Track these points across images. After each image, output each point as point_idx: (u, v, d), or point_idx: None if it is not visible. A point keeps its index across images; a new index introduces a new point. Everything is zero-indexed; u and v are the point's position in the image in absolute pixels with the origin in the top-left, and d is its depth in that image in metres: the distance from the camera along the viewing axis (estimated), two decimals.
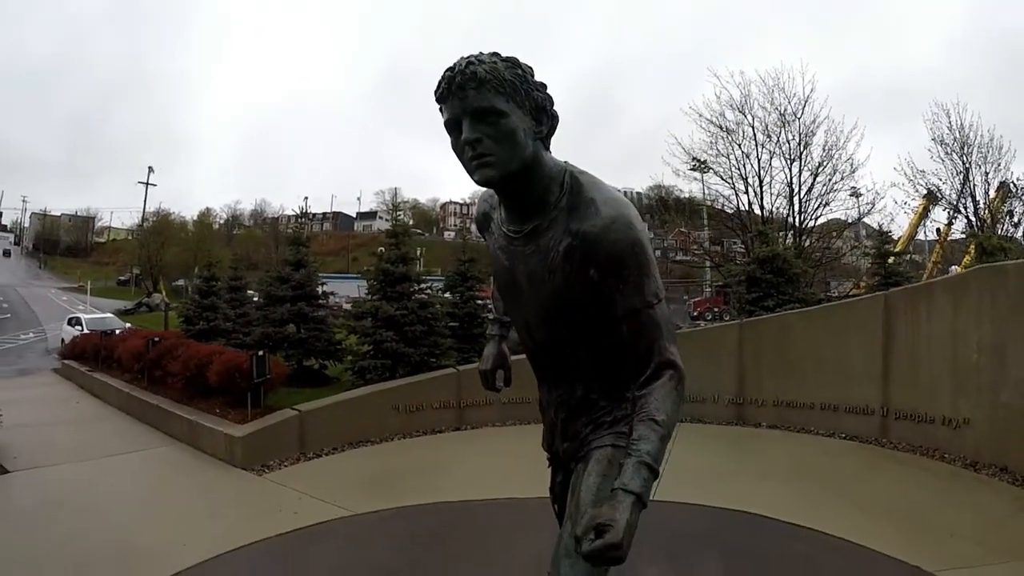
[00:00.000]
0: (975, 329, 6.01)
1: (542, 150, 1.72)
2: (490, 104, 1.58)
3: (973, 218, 19.10)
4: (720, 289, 29.43)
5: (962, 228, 20.06)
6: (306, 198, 55.62)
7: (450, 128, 1.66)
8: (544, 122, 1.71)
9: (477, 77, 1.56)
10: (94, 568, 4.18)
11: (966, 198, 19.19)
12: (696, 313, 37.14)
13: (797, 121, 17.42)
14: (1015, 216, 18.75)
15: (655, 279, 1.68)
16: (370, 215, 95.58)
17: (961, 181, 19.04)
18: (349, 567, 4.21)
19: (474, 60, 1.60)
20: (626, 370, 1.72)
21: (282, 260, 13.43)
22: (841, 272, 21.76)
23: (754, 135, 17.80)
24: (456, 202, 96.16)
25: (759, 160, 17.86)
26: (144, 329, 16.75)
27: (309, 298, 11.35)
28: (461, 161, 1.68)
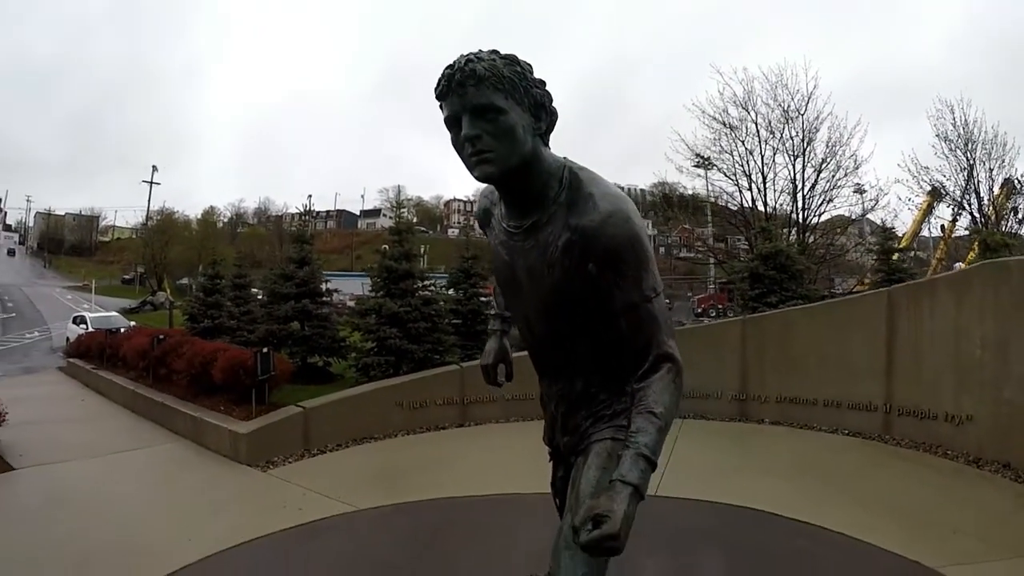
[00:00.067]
0: (978, 325, 5.99)
1: (541, 146, 1.73)
2: (489, 101, 1.59)
3: (977, 215, 19.01)
4: (724, 286, 29.41)
5: (966, 225, 20.00)
6: (310, 196, 55.61)
7: (450, 125, 1.68)
8: (543, 118, 1.72)
9: (476, 74, 1.58)
10: (99, 564, 4.20)
11: (970, 194, 19.10)
12: (700, 310, 37.12)
13: (800, 117, 17.43)
14: (1019, 212, 18.71)
15: (653, 273, 1.69)
16: (374, 213, 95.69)
17: (965, 177, 18.95)
18: (352, 562, 4.23)
19: (473, 58, 1.61)
20: (625, 364, 1.73)
21: (286, 258, 13.43)
22: (845, 269, 21.72)
23: (757, 131, 17.81)
24: (460, 199, 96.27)
25: (762, 156, 17.87)
26: (149, 327, 16.82)
27: (313, 295, 11.36)
28: (461, 157, 1.70)
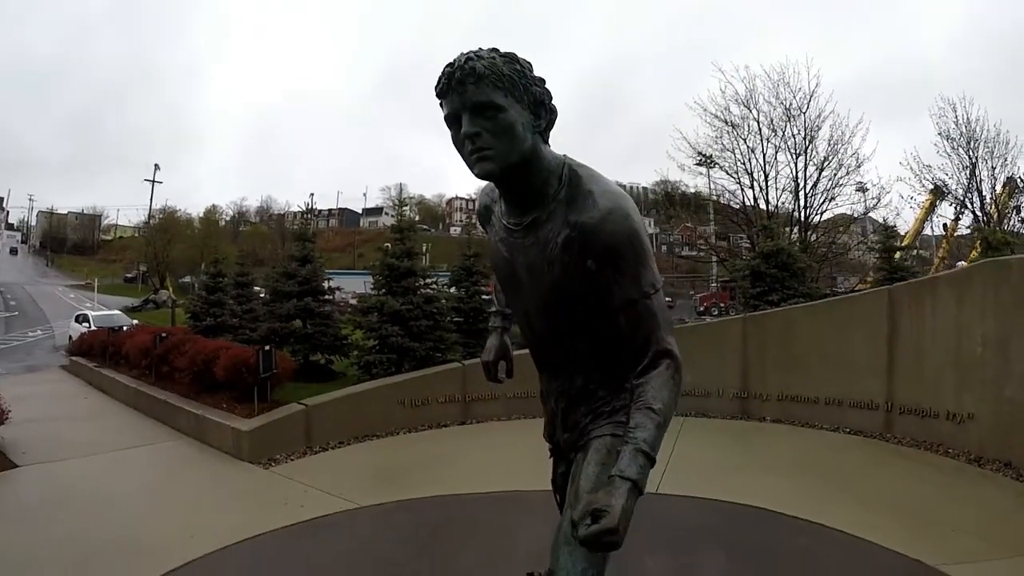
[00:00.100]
0: (979, 323, 5.98)
1: (541, 143, 1.74)
2: (489, 99, 1.60)
3: (980, 213, 18.97)
4: (726, 284, 29.38)
5: (969, 223, 19.95)
6: (312, 194, 55.76)
7: (450, 123, 1.69)
8: (543, 116, 1.73)
9: (476, 72, 1.59)
10: (102, 560, 4.22)
11: (973, 193, 19.04)
12: (702, 308, 37.10)
13: (802, 116, 17.38)
14: (1022, 211, 18.68)
15: (652, 270, 1.70)
16: (376, 211, 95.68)
17: (968, 176, 18.88)
18: (354, 558, 4.25)
19: (473, 56, 1.62)
20: (624, 360, 1.74)
21: (288, 256, 13.44)
22: (847, 267, 21.68)
23: (759, 130, 17.77)
24: (462, 198, 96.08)
25: (764, 155, 17.84)
26: (151, 325, 16.86)
27: (315, 293, 11.37)
28: (461, 155, 1.71)
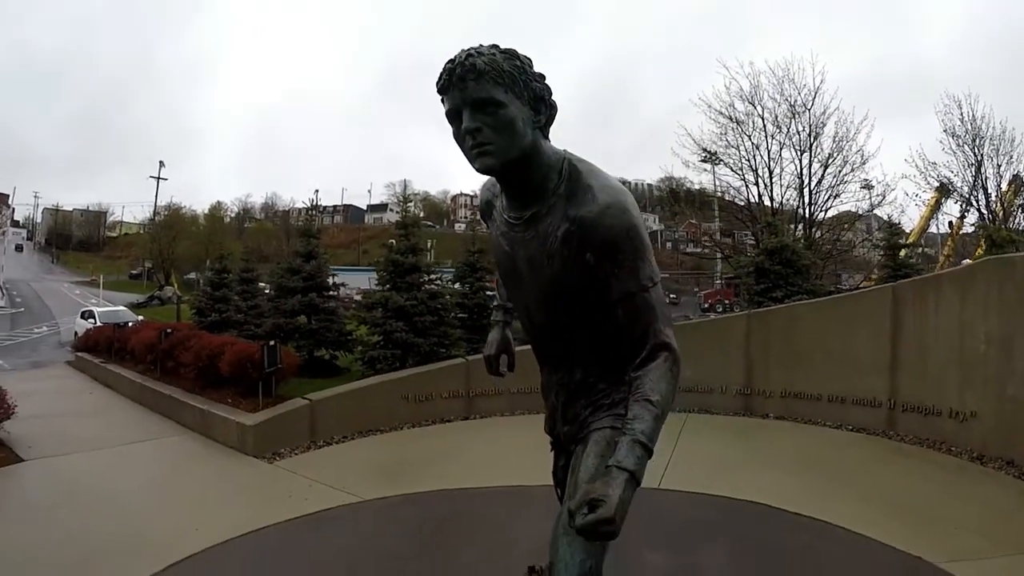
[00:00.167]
0: (982, 321, 5.96)
1: (541, 139, 1.76)
2: (489, 95, 1.62)
3: (985, 211, 18.89)
4: (730, 281, 29.32)
5: (975, 221, 19.88)
6: (316, 191, 55.74)
7: (451, 118, 1.71)
8: (543, 111, 1.75)
9: (476, 69, 1.61)
10: (108, 553, 4.25)
11: (978, 191, 18.97)
12: (707, 305, 37.16)
13: (807, 112, 17.27)
14: None
15: (650, 263, 1.72)
16: (381, 207, 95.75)
17: (973, 174, 18.80)
18: (357, 552, 4.28)
19: (473, 52, 1.64)
20: (623, 353, 1.76)
21: (293, 252, 13.49)
22: (852, 265, 21.60)
23: (764, 126, 17.65)
24: (467, 194, 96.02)
25: (769, 151, 17.72)
26: (156, 321, 16.92)
27: (320, 289, 11.43)
28: (462, 150, 1.73)
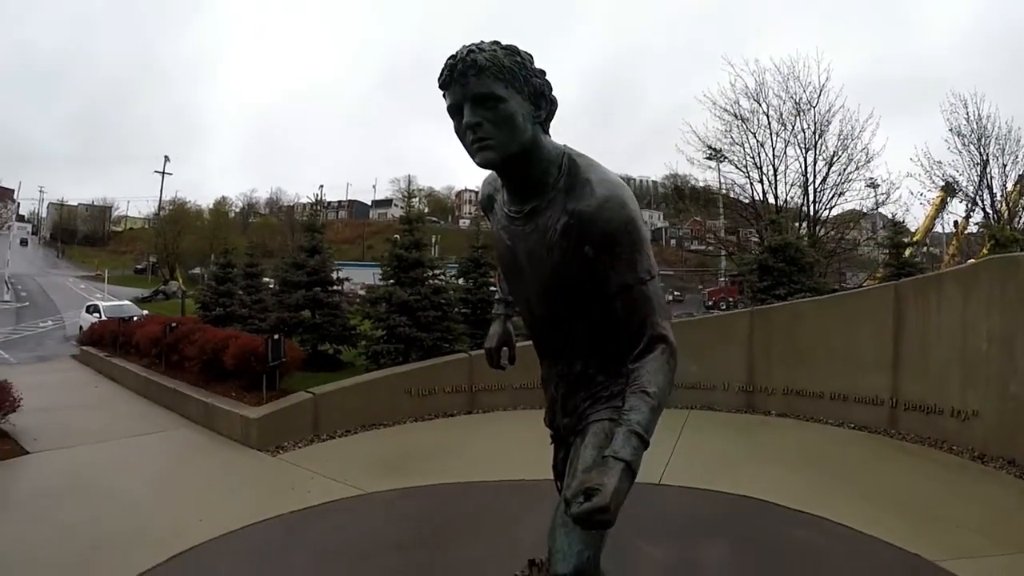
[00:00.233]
0: (985, 320, 5.95)
1: (541, 134, 1.79)
2: (489, 90, 1.65)
3: (990, 211, 18.82)
4: (735, 278, 29.28)
5: (980, 220, 19.80)
6: (321, 186, 55.84)
7: (453, 113, 1.74)
8: (543, 107, 1.77)
9: (477, 65, 1.64)
10: (112, 544, 4.28)
11: (983, 190, 18.90)
12: (711, 303, 37.11)
13: (812, 110, 17.22)
14: None
15: (648, 257, 1.74)
16: (385, 203, 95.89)
17: (979, 173, 18.72)
18: (359, 544, 4.29)
19: (474, 48, 1.67)
20: (621, 346, 1.78)
21: (298, 247, 13.53)
22: (857, 263, 21.56)
23: (769, 123, 17.61)
24: (471, 190, 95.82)
25: (774, 149, 17.68)
26: (161, 316, 16.97)
27: (324, 284, 11.45)
28: (463, 144, 1.75)
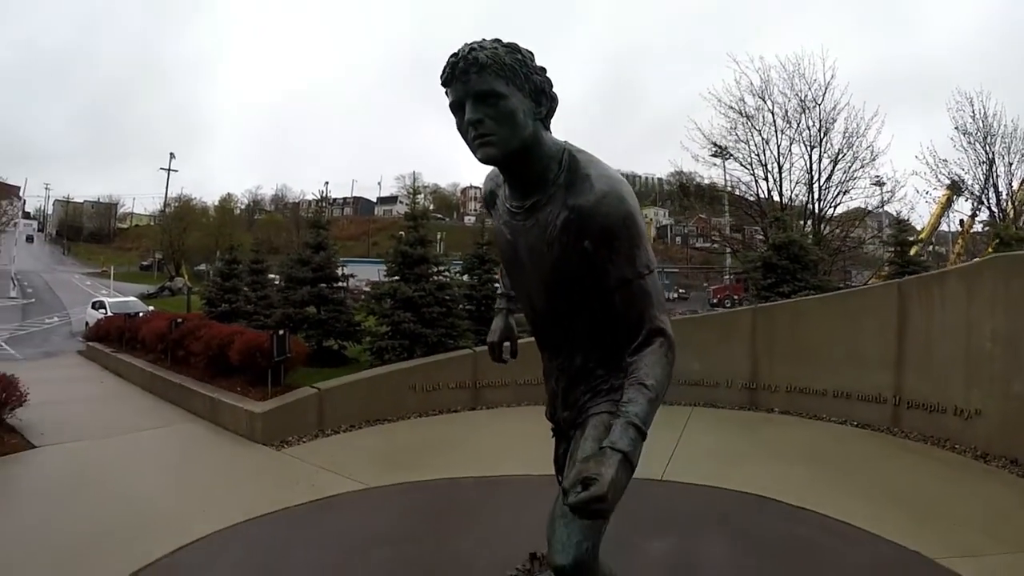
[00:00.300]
0: (989, 318, 5.92)
1: (541, 130, 1.81)
2: (491, 87, 1.68)
3: (996, 209, 18.76)
4: (740, 276, 29.26)
5: (985, 219, 19.74)
6: (326, 183, 55.69)
7: (455, 110, 1.77)
8: (543, 104, 1.80)
9: (479, 62, 1.67)
10: (118, 537, 4.32)
11: (989, 189, 18.85)
12: (716, 300, 37.01)
13: (817, 107, 17.25)
14: None
15: (646, 251, 1.77)
16: (390, 200, 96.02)
17: (985, 172, 18.68)
18: (363, 536, 4.32)
19: (476, 46, 1.70)
20: (620, 340, 1.80)
21: (303, 243, 13.57)
22: (862, 261, 21.53)
23: (774, 121, 17.68)
24: (476, 187, 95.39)
25: (779, 146, 17.74)
26: (167, 312, 17.07)
27: (329, 280, 11.50)
28: (465, 140, 1.78)
